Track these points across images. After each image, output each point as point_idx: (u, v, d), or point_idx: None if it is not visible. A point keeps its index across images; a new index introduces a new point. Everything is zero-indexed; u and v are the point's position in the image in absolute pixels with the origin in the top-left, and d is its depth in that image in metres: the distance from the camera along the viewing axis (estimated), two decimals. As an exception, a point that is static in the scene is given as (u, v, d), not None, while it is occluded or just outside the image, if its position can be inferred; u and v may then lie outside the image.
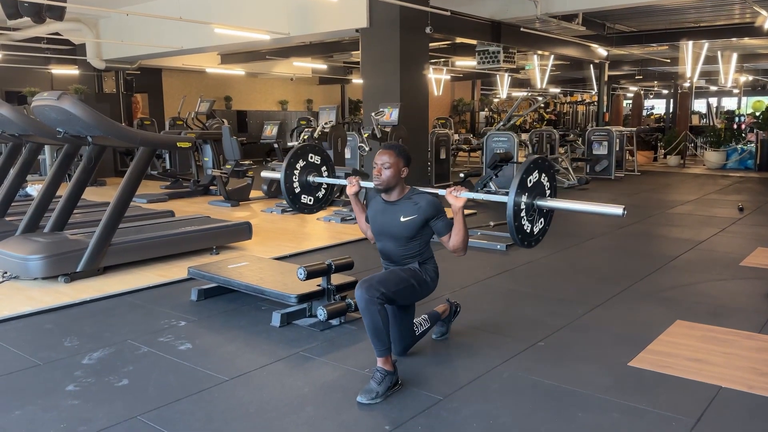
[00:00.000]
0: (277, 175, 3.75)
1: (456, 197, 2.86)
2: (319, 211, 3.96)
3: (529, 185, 2.84)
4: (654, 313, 3.97)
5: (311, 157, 3.79)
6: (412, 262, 3.06)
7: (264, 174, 4.90)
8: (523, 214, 2.83)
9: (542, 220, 3.00)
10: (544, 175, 2.93)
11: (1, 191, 5.91)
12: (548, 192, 2.97)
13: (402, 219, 2.96)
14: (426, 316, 3.36)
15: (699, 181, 11.74)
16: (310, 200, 3.85)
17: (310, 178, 3.79)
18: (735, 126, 15.79)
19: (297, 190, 3.77)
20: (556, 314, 3.95)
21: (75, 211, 5.44)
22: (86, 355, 3.32)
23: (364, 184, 3.31)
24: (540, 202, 2.90)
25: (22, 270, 4.65)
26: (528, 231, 2.91)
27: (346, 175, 3.75)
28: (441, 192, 3.06)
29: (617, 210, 2.81)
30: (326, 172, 3.88)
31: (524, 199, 2.82)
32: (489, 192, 9.49)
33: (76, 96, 11.81)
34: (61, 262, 4.67)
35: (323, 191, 3.92)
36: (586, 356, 3.29)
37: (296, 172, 3.74)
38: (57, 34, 12.43)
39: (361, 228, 3.36)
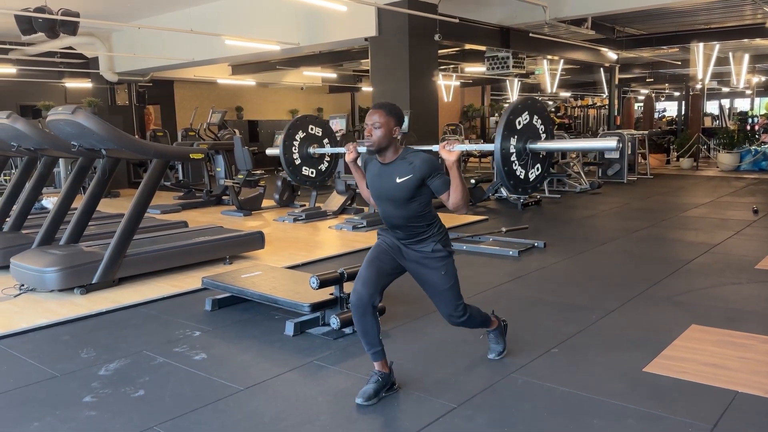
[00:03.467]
0: (277, 151, 3.69)
1: (449, 151, 2.76)
2: (321, 183, 3.86)
3: (518, 127, 2.72)
4: (668, 318, 3.94)
5: (311, 129, 3.73)
6: (416, 224, 2.89)
7: (268, 151, 4.82)
8: (513, 158, 2.72)
9: (538, 165, 2.88)
10: (536, 116, 2.79)
11: (18, 205, 5.99)
12: (543, 135, 2.84)
13: (398, 180, 2.81)
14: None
15: (712, 184, 11.65)
16: (312, 172, 3.80)
17: (310, 150, 3.74)
18: (748, 127, 15.65)
19: (297, 162, 3.71)
20: (569, 320, 3.94)
21: (90, 223, 5.50)
22: (103, 366, 3.36)
23: (361, 149, 3.20)
24: (532, 146, 2.78)
25: (38, 282, 4.70)
26: (522, 177, 2.81)
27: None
28: (435, 148, 2.93)
29: (611, 143, 2.74)
30: (328, 144, 3.81)
31: (513, 142, 2.72)
32: (498, 191, 9.47)
33: (90, 109, 11.98)
34: (77, 274, 4.72)
35: (326, 164, 3.85)
36: (601, 362, 3.27)
37: (296, 143, 3.68)
38: (70, 48, 12.61)
39: (364, 195, 3.23)
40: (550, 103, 21.28)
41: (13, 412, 2.86)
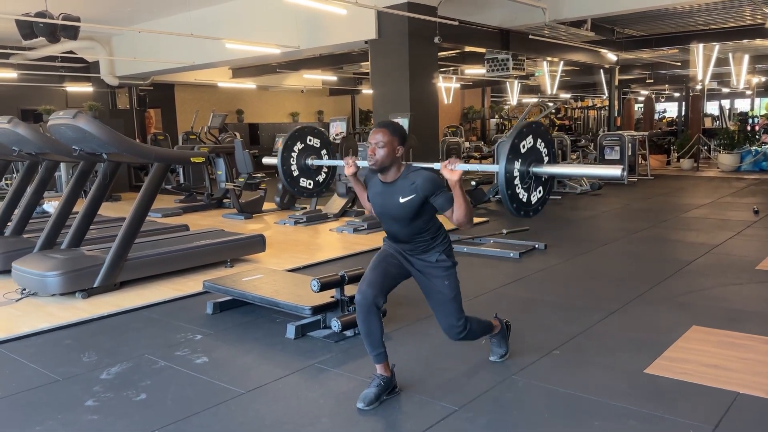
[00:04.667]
0: (274, 160, 3.69)
1: (451, 171, 2.72)
2: (319, 195, 3.89)
3: (523, 151, 2.73)
4: (670, 319, 3.95)
5: (310, 140, 3.73)
6: (421, 239, 2.92)
7: (265, 160, 4.81)
8: (517, 182, 2.72)
9: (540, 189, 2.88)
10: (540, 140, 2.81)
11: (19, 209, 6.00)
12: (546, 159, 2.86)
13: (401, 200, 2.81)
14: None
15: (713, 185, 11.65)
16: (309, 184, 3.79)
17: (308, 161, 3.74)
18: (748, 128, 15.64)
19: (295, 173, 3.71)
20: (570, 321, 3.94)
21: (91, 227, 5.51)
22: (104, 370, 3.36)
23: (360, 163, 3.20)
24: (535, 169, 2.79)
25: (40, 286, 4.71)
26: (524, 200, 2.81)
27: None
28: (436, 166, 2.93)
29: (616, 171, 2.74)
30: (326, 156, 3.81)
31: (517, 165, 2.71)
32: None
33: (91, 112, 12.00)
34: (79, 278, 4.73)
35: (323, 175, 3.85)
36: (602, 364, 3.27)
37: (293, 155, 3.68)
38: (71, 52, 12.64)
39: (365, 206, 3.23)
40: (551, 104, 21.28)
41: (16, 416, 2.87)
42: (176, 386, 3.13)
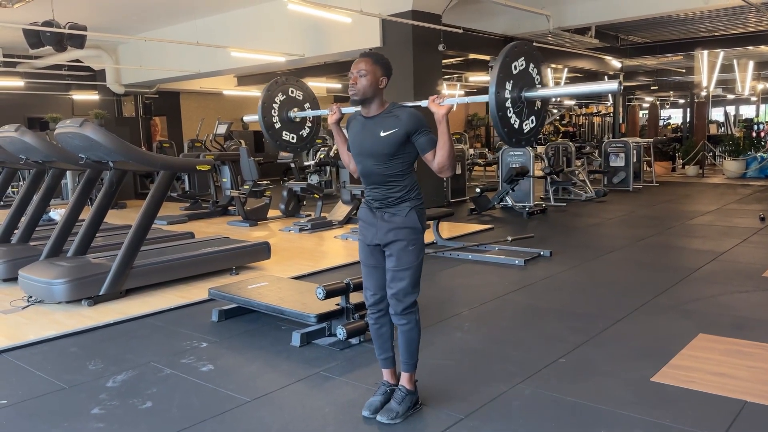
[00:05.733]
0: (254, 117, 3.63)
1: (439, 105, 2.64)
2: (303, 150, 3.84)
3: (515, 72, 2.67)
4: (676, 327, 3.93)
5: (292, 92, 3.68)
6: (395, 185, 2.71)
7: (246, 117, 4.66)
8: (509, 104, 2.64)
9: (533, 117, 2.80)
10: (532, 64, 2.76)
11: (26, 217, 6.03)
12: (538, 86, 2.81)
13: (382, 134, 2.67)
14: None
15: (718, 191, 11.62)
16: (293, 138, 3.74)
17: (291, 114, 3.69)
18: (754, 134, 15.62)
19: (277, 126, 3.66)
20: (576, 329, 3.93)
21: (97, 234, 5.53)
22: (110, 377, 3.37)
23: (345, 110, 3.12)
24: (528, 93, 2.72)
25: (46, 294, 4.73)
26: (516, 126, 2.73)
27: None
28: (423, 103, 2.84)
29: (612, 86, 2.71)
30: (309, 108, 3.77)
31: (509, 87, 2.64)
32: (503, 197, 9.47)
33: (97, 120, 12.07)
34: (85, 285, 4.75)
35: (307, 129, 3.80)
36: (608, 372, 3.26)
37: (275, 106, 3.63)
38: (77, 61, 12.74)
39: (344, 160, 3.05)
40: (555, 111, 21.29)
41: (22, 424, 2.87)
42: (182, 394, 3.14)
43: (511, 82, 2.68)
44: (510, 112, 2.69)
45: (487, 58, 11.98)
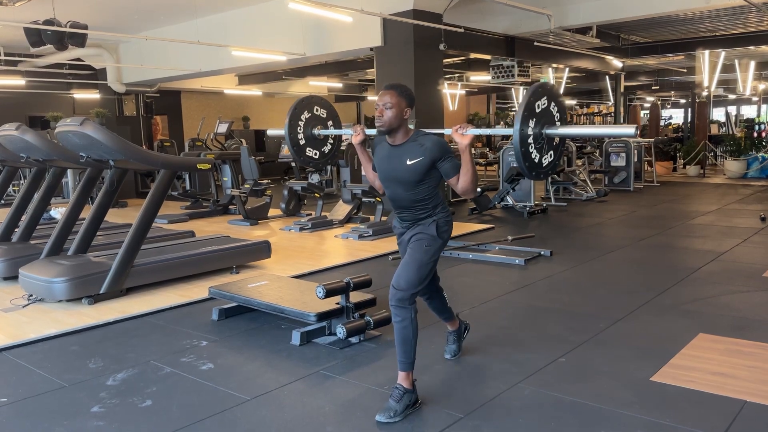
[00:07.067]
0: (281, 131, 3.73)
1: (462, 135, 2.78)
2: (324, 165, 3.94)
3: (537, 111, 2.79)
4: (676, 327, 3.93)
5: (317, 110, 3.77)
6: (423, 207, 2.91)
7: (270, 132, 4.82)
8: (530, 141, 2.77)
9: (551, 152, 2.93)
10: (553, 103, 2.87)
11: (26, 215, 6.04)
12: (558, 123, 2.93)
13: (408, 162, 2.82)
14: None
15: (720, 191, 11.61)
16: (315, 154, 3.82)
17: (315, 131, 3.77)
18: (755, 134, 15.61)
19: (302, 142, 3.74)
20: (576, 329, 3.93)
21: (98, 233, 5.54)
22: (110, 376, 3.37)
23: (369, 131, 3.22)
24: (549, 131, 2.84)
25: (46, 292, 4.73)
26: (536, 161, 2.85)
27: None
28: (447, 131, 2.97)
29: (629, 130, 2.79)
30: (332, 126, 3.84)
31: (531, 125, 2.77)
32: (506, 200, 9.47)
33: (98, 119, 12.08)
34: (85, 284, 4.75)
35: (329, 146, 3.88)
36: (608, 371, 3.26)
37: (301, 123, 3.72)
38: (78, 59, 12.74)
39: (369, 178, 3.23)
40: (556, 111, 21.23)
41: (22, 423, 2.87)
42: (182, 393, 3.14)
43: (534, 120, 2.81)
44: (531, 147, 2.82)
45: (488, 57, 11.96)
